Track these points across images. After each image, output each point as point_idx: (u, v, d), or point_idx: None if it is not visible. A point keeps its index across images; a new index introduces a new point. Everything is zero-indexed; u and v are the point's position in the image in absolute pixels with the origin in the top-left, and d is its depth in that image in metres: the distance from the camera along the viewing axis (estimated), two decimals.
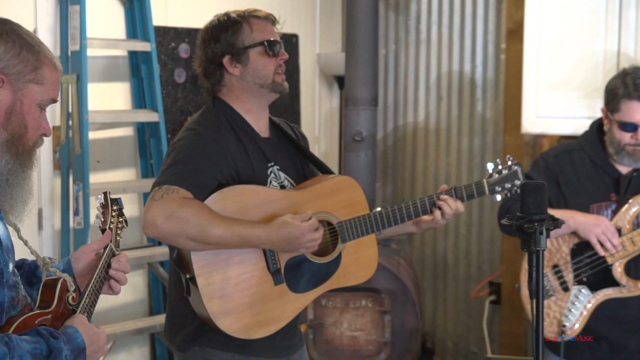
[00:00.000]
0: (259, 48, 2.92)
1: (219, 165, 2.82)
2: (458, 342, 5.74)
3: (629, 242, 3.43)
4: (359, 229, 2.97)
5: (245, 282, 2.82)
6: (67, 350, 2.02)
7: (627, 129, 3.40)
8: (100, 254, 2.32)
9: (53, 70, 2.16)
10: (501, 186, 3.10)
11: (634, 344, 3.49)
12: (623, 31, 4.33)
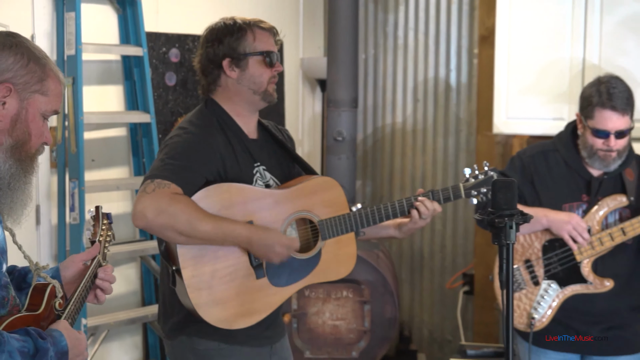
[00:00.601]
0: (258, 57, 2.92)
1: (207, 163, 2.82)
2: (434, 331, 5.75)
3: (597, 242, 3.44)
4: (339, 228, 2.97)
5: (228, 275, 2.81)
6: (52, 352, 2.03)
7: (600, 135, 3.40)
8: (88, 264, 2.33)
9: (57, 82, 2.17)
10: (477, 190, 3.10)
11: (596, 332, 3.49)
12: (588, 39, 4.34)
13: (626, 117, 3.38)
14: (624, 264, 3.49)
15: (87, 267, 2.32)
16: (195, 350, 2.93)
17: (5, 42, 2.09)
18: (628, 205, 3.46)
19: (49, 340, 2.03)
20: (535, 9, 4.50)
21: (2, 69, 2.07)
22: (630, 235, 3.42)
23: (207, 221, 2.71)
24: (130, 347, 5.22)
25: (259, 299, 2.87)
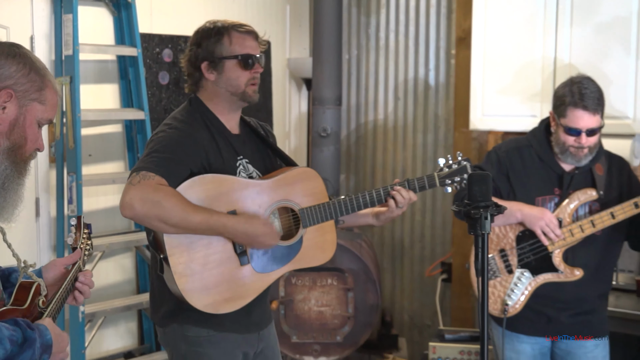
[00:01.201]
0: (234, 60, 2.90)
1: (191, 155, 2.81)
2: (414, 316, 5.76)
3: (568, 233, 3.45)
4: (319, 216, 2.97)
5: (213, 262, 2.80)
6: (38, 343, 2.05)
7: (572, 133, 3.40)
8: (69, 268, 2.37)
9: (54, 93, 2.20)
10: (451, 179, 3.09)
11: (565, 318, 3.50)
12: (559, 40, 4.35)
13: (597, 116, 3.39)
14: (593, 255, 3.50)
15: (67, 271, 2.36)
16: (186, 337, 2.93)
17: (9, 51, 2.12)
18: (597, 198, 3.47)
19: (37, 331, 2.05)
20: (510, 12, 4.51)
21: (5, 76, 2.10)
22: (599, 227, 3.43)
23: (191, 211, 2.70)
24: (126, 333, 5.22)
25: (243, 285, 2.86)
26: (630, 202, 3.41)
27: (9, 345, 1.95)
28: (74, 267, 2.37)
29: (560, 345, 3.57)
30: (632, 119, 4.15)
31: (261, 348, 3.08)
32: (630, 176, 3.59)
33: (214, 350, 2.93)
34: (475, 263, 2.46)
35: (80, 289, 2.39)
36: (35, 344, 2.03)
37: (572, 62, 4.19)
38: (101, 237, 4.88)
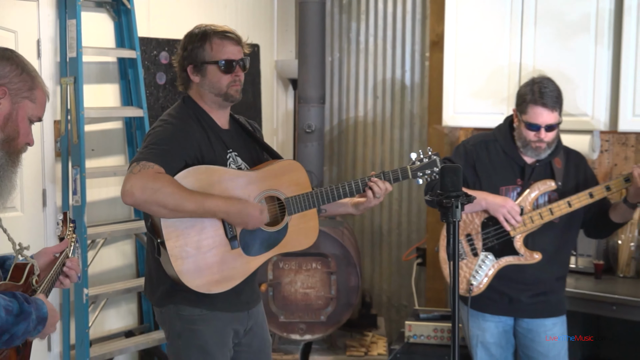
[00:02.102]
0: (214, 65, 2.91)
1: (186, 148, 2.82)
2: (391, 297, 5.78)
3: (529, 220, 3.47)
4: (303, 204, 2.97)
5: (206, 246, 2.82)
6: (34, 316, 2.08)
7: (532, 128, 3.42)
8: (58, 256, 2.42)
9: (43, 94, 2.27)
10: (422, 172, 3.11)
11: (525, 298, 3.52)
12: (524, 47, 4.35)
13: (555, 113, 3.41)
14: (551, 240, 3.51)
15: (56, 258, 2.42)
16: (181, 316, 2.94)
17: (4, 54, 2.20)
18: (556, 189, 3.49)
19: (33, 305, 2.09)
20: (479, 20, 4.52)
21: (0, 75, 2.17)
22: (557, 214, 3.45)
23: (187, 196, 2.71)
24: (127, 313, 5.22)
25: (233, 267, 2.88)
26: (585, 192, 3.43)
27: (4, 314, 1.98)
28: (62, 254, 2.43)
29: (522, 324, 3.59)
30: (590, 117, 4.18)
31: (250, 325, 3.09)
32: (586, 169, 3.62)
33: (206, 328, 2.94)
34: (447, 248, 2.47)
35: (68, 273, 2.44)
36: (30, 316, 2.06)
37: (536, 67, 4.21)
38: (103, 226, 4.88)
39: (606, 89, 4.14)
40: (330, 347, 4.99)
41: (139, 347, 4.99)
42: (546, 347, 3.55)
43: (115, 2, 4.93)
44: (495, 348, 3.63)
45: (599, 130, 4.22)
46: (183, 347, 2.96)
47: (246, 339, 3.09)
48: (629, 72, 4.04)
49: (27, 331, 2.06)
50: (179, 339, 2.96)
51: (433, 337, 4.27)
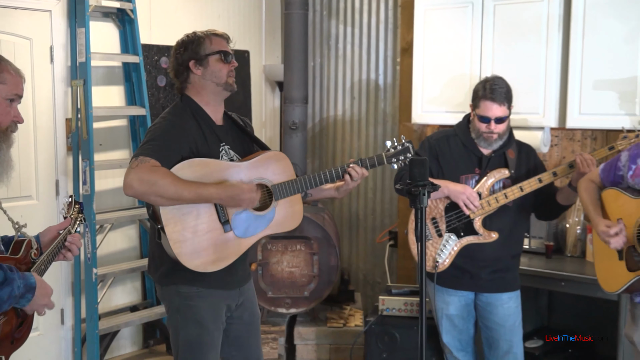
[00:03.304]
0: (216, 56, 2.91)
1: (181, 142, 2.81)
2: (367, 275, 5.79)
3: (486, 204, 3.49)
4: (288, 190, 2.97)
5: (201, 230, 2.81)
6: (19, 283, 2.07)
7: (484, 121, 3.45)
8: (61, 232, 2.43)
9: (13, 74, 2.22)
10: (397, 158, 3.09)
11: (484, 274, 3.54)
12: (483, 53, 4.36)
13: (503, 107, 3.43)
14: (506, 221, 3.54)
15: (59, 234, 2.42)
16: (180, 292, 2.94)
17: None
18: (509, 176, 3.51)
19: (17, 274, 2.08)
20: (444, 29, 4.51)
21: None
22: (511, 198, 3.47)
23: (184, 186, 2.70)
24: (132, 290, 5.22)
25: (226, 248, 2.87)
26: (535, 177, 3.46)
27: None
28: (64, 230, 2.42)
29: (481, 298, 3.61)
30: (541, 115, 4.20)
31: (242, 301, 3.09)
32: (536, 159, 3.65)
33: (202, 303, 2.94)
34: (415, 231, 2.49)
35: (69, 247, 2.44)
36: (14, 283, 2.05)
37: (494, 71, 4.18)
38: (110, 212, 4.88)
39: (556, 90, 4.17)
40: (312, 319, 5.00)
41: (142, 320, 5.00)
42: (503, 318, 3.58)
43: (120, 12, 4.91)
44: (458, 319, 3.65)
45: (549, 126, 4.24)
46: (181, 321, 2.96)
47: (238, 312, 3.09)
48: (576, 75, 4.06)
49: (13, 296, 2.05)
50: (178, 313, 2.97)
51: (404, 310, 4.28)
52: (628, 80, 3.91)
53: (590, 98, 4.02)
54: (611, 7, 3.93)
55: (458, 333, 3.68)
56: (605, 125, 4.00)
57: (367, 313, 4.69)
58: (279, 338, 4.79)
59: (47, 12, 4.56)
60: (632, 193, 2.94)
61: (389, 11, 5.52)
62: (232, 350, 3.13)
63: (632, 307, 3.01)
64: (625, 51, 3.90)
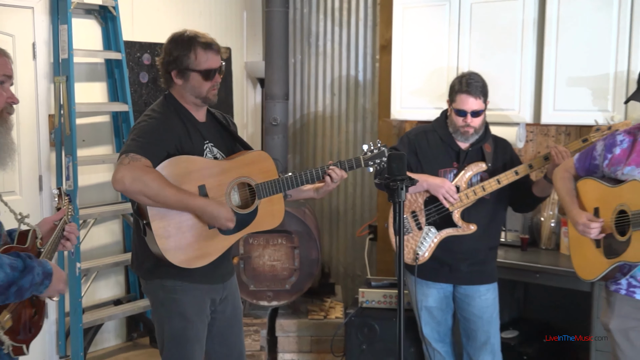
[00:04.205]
0: (197, 73, 2.87)
1: (168, 140, 2.80)
2: (347, 268, 5.80)
3: (464, 197, 3.50)
4: (271, 189, 2.97)
5: (186, 226, 2.81)
6: (39, 270, 2.04)
7: (460, 114, 3.46)
8: (57, 223, 2.40)
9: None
10: (373, 161, 3.13)
11: (464, 267, 3.56)
12: (460, 52, 4.38)
13: (479, 101, 3.44)
14: (484, 214, 3.55)
15: (56, 225, 2.39)
16: (164, 287, 2.93)
17: None
18: (486, 169, 3.52)
19: (36, 261, 2.06)
20: (422, 27, 4.52)
21: None
22: (488, 191, 3.48)
23: (171, 192, 2.70)
24: (115, 284, 5.19)
25: (211, 245, 2.87)
26: (511, 170, 3.48)
27: (9, 270, 1.95)
28: (61, 221, 2.40)
29: (460, 290, 3.62)
30: (517, 111, 4.22)
31: (225, 295, 3.09)
32: (512, 153, 3.67)
33: (186, 297, 2.94)
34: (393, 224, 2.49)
35: (68, 237, 2.42)
36: (34, 270, 2.03)
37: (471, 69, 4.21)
38: (93, 207, 4.85)
39: (531, 87, 4.19)
40: (294, 312, 5.00)
41: (126, 313, 4.98)
42: (480, 309, 3.59)
43: (102, 9, 4.87)
44: (437, 311, 3.67)
45: (525, 122, 4.26)
46: (165, 314, 2.96)
47: (221, 306, 3.09)
48: (550, 73, 4.09)
49: (34, 283, 2.02)
50: (162, 307, 2.96)
51: (383, 302, 4.29)
52: (600, 77, 3.93)
53: (564, 95, 4.05)
54: (584, 7, 3.96)
55: (437, 324, 3.69)
56: (579, 121, 4.03)
57: (347, 305, 4.70)
58: (261, 330, 4.79)
59: (29, 9, 4.51)
60: (608, 182, 2.96)
61: (368, 9, 5.52)
62: (215, 343, 3.12)
63: (607, 295, 3.04)
64: (598, 49, 3.92)
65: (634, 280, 2.89)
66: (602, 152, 3.02)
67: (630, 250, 2.80)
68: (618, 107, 3.84)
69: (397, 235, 2.46)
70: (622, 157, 2.93)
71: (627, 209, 2.81)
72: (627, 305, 2.93)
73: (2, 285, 1.93)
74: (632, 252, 2.79)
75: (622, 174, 2.90)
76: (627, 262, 2.83)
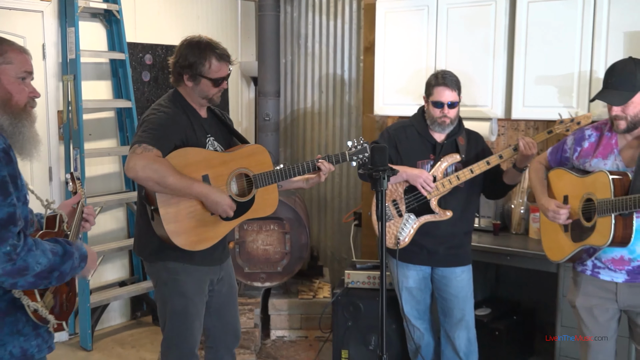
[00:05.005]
0: (209, 81, 2.90)
1: (175, 133, 2.83)
2: (334, 251, 5.81)
3: (441, 185, 3.50)
4: (267, 180, 3.00)
5: (191, 213, 2.83)
6: (77, 254, 2.03)
7: (437, 106, 3.47)
8: (75, 206, 2.37)
9: (18, 52, 2.09)
10: (356, 156, 3.17)
11: (442, 250, 3.57)
12: (438, 53, 4.39)
13: (454, 93, 3.46)
14: (459, 201, 3.56)
15: (75, 209, 2.36)
16: (167, 268, 2.95)
17: None
18: (460, 160, 3.53)
19: (74, 246, 2.04)
20: (402, 30, 4.53)
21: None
22: (463, 180, 3.49)
23: (179, 180, 2.72)
24: (120, 267, 5.20)
25: (212, 229, 2.89)
26: (483, 160, 3.48)
27: (51, 256, 1.94)
28: (79, 204, 2.37)
29: (437, 271, 3.63)
30: (489, 107, 4.23)
31: (222, 276, 3.12)
32: (484, 145, 3.68)
33: (187, 278, 2.96)
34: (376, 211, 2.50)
35: (87, 218, 2.40)
36: (74, 255, 2.02)
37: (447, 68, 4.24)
38: (99, 196, 4.84)
39: (502, 85, 4.20)
40: (285, 292, 5.02)
41: (130, 294, 4.99)
42: (456, 289, 3.61)
43: (107, 13, 4.85)
44: (417, 291, 3.68)
45: (497, 117, 4.28)
46: (168, 293, 2.98)
47: (218, 286, 3.12)
48: (520, 73, 4.10)
49: (73, 267, 2.02)
50: (165, 286, 2.98)
51: (367, 282, 4.31)
52: (566, 76, 3.96)
53: (532, 92, 4.07)
54: (552, 9, 3.98)
55: (416, 303, 3.71)
56: (546, 116, 4.05)
57: (334, 286, 4.71)
58: (255, 309, 4.81)
59: (39, 13, 4.49)
60: (577, 172, 3.00)
61: (353, 13, 5.52)
62: (213, 319, 3.15)
63: (574, 275, 3.08)
64: (563, 51, 3.95)
65: (599, 262, 2.94)
66: (572, 145, 3.07)
67: (595, 235, 2.84)
68: (582, 104, 3.87)
69: (380, 221, 2.48)
70: (590, 150, 2.98)
71: (593, 197, 2.86)
72: (591, 285, 2.98)
73: (45, 270, 1.92)
74: (597, 236, 2.83)
75: (589, 165, 2.95)
76: (592, 246, 2.87)
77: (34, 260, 1.88)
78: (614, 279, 2.91)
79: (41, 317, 2.00)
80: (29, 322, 2.02)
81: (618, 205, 2.72)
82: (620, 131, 2.88)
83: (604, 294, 2.94)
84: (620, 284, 2.90)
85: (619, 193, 2.74)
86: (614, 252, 2.87)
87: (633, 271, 2.87)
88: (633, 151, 2.86)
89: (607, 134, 2.95)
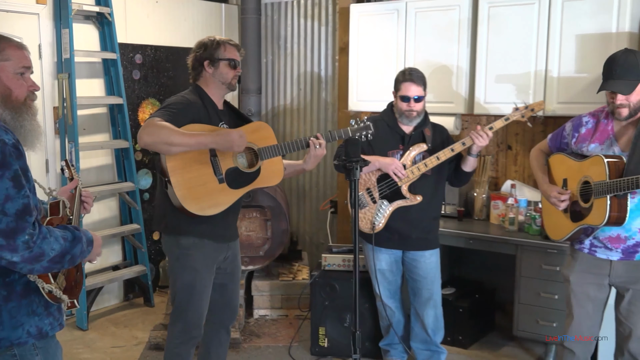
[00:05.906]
0: (226, 62, 2.97)
1: (189, 113, 2.86)
2: (312, 237, 5.83)
3: (410, 173, 3.51)
4: (271, 152, 3.01)
5: (200, 180, 2.85)
6: (84, 239, 2.02)
7: (405, 100, 3.49)
8: (73, 192, 2.32)
9: (16, 48, 2.02)
10: (359, 132, 3.13)
11: (414, 234, 3.59)
12: (407, 52, 4.40)
13: (420, 88, 3.48)
14: (427, 188, 3.57)
15: (73, 194, 2.31)
16: (179, 243, 2.98)
17: None
18: (427, 149, 3.55)
19: (81, 231, 2.03)
20: (374, 32, 4.55)
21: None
22: (430, 166, 3.50)
23: (185, 134, 2.73)
24: (113, 253, 5.16)
25: (221, 196, 2.90)
26: (448, 148, 3.50)
27: (62, 242, 1.93)
28: (77, 189, 2.33)
29: (408, 255, 3.65)
30: (454, 104, 4.27)
31: (229, 254, 3.14)
32: (447, 136, 3.68)
33: (197, 253, 2.98)
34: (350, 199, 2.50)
35: (86, 201, 2.36)
36: (82, 239, 2.01)
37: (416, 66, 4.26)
38: (93, 187, 4.80)
39: (465, 84, 4.23)
40: (267, 274, 5.03)
41: (123, 277, 4.96)
42: (425, 271, 3.63)
43: (99, 15, 4.80)
44: (389, 273, 3.70)
45: (460, 113, 4.31)
46: (179, 268, 3.00)
47: (224, 264, 3.14)
48: (481, 71, 4.14)
49: (82, 251, 2.00)
50: (177, 261, 3.00)
51: (342, 265, 4.32)
52: (523, 75, 4.00)
53: (493, 89, 4.11)
54: (511, 14, 4.01)
55: (388, 284, 3.73)
56: (506, 111, 4.05)
57: (312, 268, 4.72)
58: (239, 290, 4.80)
59: (35, 15, 4.43)
60: (576, 157, 3.01)
61: (329, 16, 5.51)
62: (216, 294, 3.17)
63: (572, 252, 3.08)
64: (520, 52, 3.98)
65: (597, 240, 2.95)
66: (571, 131, 3.08)
67: (592, 215, 2.86)
68: (537, 100, 3.90)
69: (353, 208, 2.49)
70: (587, 136, 2.99)
71: (590, 180, 2.87)
72: (587, 262, 2.99)
73: (58, 255, 1.91)
74: (594, 216, 2.85)
75: (587, 150, 2.96)
76: (590, 225, 2.89)
77: (48, 246, 1.88)
78: (609, 257, 2.92)
79: (55, 297, 2.01)
80: (42, 302, 2.02)
81: (613, 187, 2.72)
82: (622, 118, 2.86)
83: (598, 271, 2.96)
84: (614, 262, 2.92)
85: (614, 175, 2.74)
86: (611, 230, 2.88)
87: (627, 249, 2.88)
88: (628, 136, 2.86)
89: (604, 121, 2.95)
